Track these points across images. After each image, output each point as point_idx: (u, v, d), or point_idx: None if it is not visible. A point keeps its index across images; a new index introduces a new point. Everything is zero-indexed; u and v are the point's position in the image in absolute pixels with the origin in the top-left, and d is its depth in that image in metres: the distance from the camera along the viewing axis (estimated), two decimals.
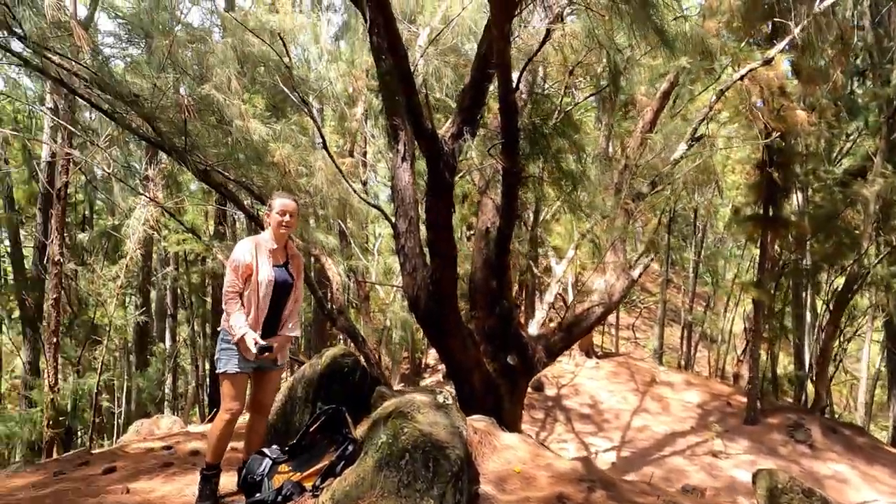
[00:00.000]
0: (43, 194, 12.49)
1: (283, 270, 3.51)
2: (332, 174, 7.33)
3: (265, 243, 3.48)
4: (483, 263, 6.66)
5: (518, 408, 6.45)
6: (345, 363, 4.02)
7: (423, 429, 3.24)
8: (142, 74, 6.28)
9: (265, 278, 3.39)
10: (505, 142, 5.09)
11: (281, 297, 3.49)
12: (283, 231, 3.48)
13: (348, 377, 3.99)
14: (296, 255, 3.65)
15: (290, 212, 3.48)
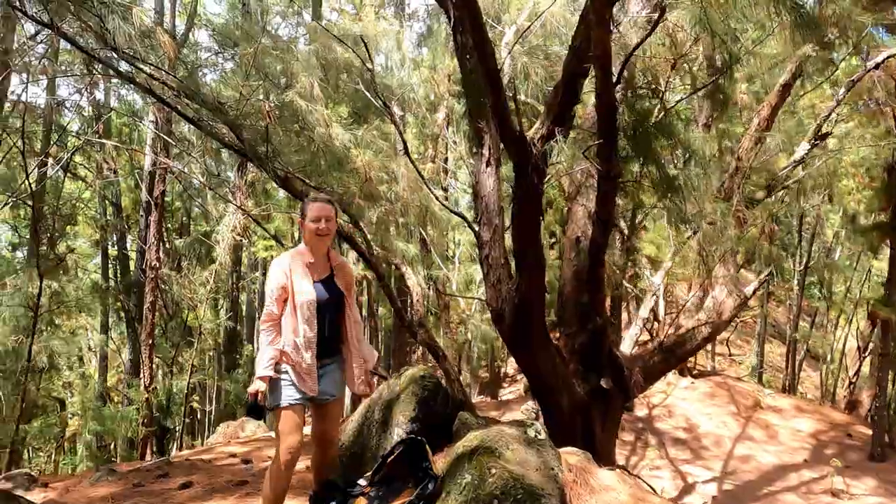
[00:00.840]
0: (145, 202, 13.20)
1: (328, 285, 2.97)
2: (413, 180, 7.09)
3: (301, 257, 2.95)
4: (573, 275, 6.16)
5: (612, 436, 5.89)
6: (426, 385, 3.69)
7: (513, 470, 2.83)
8: (229, 83, 6.34)
9: (305, 299, 2.86)
10: (602, 143, 4.60)
11: (331, 316, 2.98)
12: (320, 240, 2.94)
13: (429, 401, 3.66)
14: (342, 266, 3.08)
15: (325, 216, 2.92)
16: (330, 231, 2.96)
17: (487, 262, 5.97)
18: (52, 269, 8.59)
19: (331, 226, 2.96)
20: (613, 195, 4.92)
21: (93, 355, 19.11)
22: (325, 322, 2.94)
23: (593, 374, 5.83)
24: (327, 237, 2.96)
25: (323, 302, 2.92)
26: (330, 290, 2.97)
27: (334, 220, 2.99)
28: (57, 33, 4.70)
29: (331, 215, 2.96)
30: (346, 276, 3.08)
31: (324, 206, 2.97)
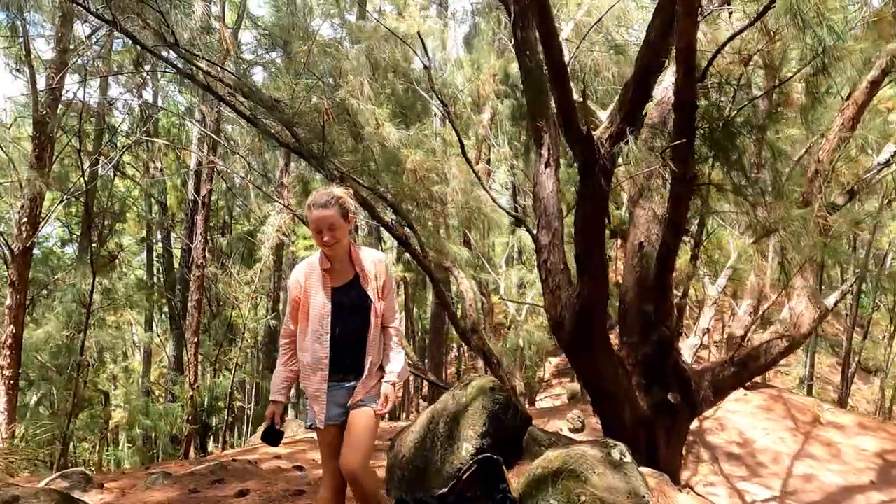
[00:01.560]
0: (191, 201, 13.36)
1: (348, 291, 2.53)
2: (464, 181, 6.90)
3: (318, 264, 2.55)
4: (636, 283, 5.86)
5: (677, 453, 5.58)
6: (496, 399, 3.48)
7: (603, 497, 2.60)
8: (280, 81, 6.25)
9: (316, 313, 2.49)
10: (678, 143, 4.31)
11: (352, 327, 2.52)
12: (327, 250, 2.48)
13: (500, 416, 3.44)
14: (370, 263, 2.58)
15: (325, 227, 2.41)
16: (336, 241, 2.42)
17: (546, 266, 5.73)
18: (105, 266, 8.69)
19: (336, 235, 2.41)
20: (688, 198, 4.63)
21: (136, 349, 19.52)
22: (343, 336, 2.52)
23: (657, 387, 5.53)
24: (335, 246, 2.44)
25: (340, 313, 2.51)
26: (351, 298, 2.53)
27: (338, 223, 2.42)
28: (118, 30, 4.66)
29: (334, 223, 2.40)
30: (377, 276, 2.57)
31: (322, 214, 2.40)
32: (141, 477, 5.41)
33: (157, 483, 4.21)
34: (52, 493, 3.40)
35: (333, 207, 2.42)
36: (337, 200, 2.44)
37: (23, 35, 8.86)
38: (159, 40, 5.12)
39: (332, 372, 2.53)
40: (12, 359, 8.02)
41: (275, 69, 6.12)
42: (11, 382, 8.02)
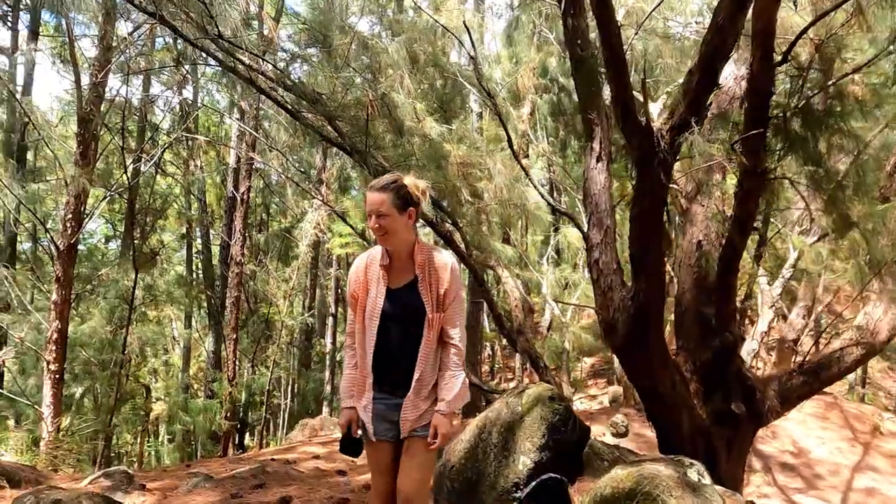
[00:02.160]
0: (229, 198, 13.44)
1: (404, 295, 2.25)
2: (508, 177, 6.66)
3: (376, 258, 2.31)
4: (693, 284, 5.52)
5: (740, 466, 5.23)
6: (556, 409, 3.25)
7: None
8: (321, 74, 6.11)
9: (368, 311, 2.27)
10: (750, 134, 3.99)
11: (403, 335, 2.24)
12: (378, 239, 2.24)
13: (560, 428, 3.21)
14: (431, 265, 2.25)
15: (374, 212, 2.16)
16: (384, 232, 2.17)
17: (597, 266, 5.43)
18: (147, 262, 8.75)
19: (384, 223, 2.15)
20: (759, 194, 4.30)
21: (176, 344, 19.87)
22: (392, 344, 2.25)
23: (718, 396, 5.19)
24: (385, 236, 2.19)
25: (391, 318, 2.24)
26: (405, 303, 2.24)
27: (390, 212, 2.15)
28: (162, 23, 4.58)
29: (384, 210, 2.14)
30: (437, 281, 2.24)
31: (373, 197, 2.16)
32: (182, 477, 5.35)
33: (199, 486, 4.11)
34: (93, 497, 3.31)
35: (388, 193, 2.15)
36: (394, 186, 2.17)
37: (67, 34, 8.97)
38: (201, 33, 5.03)
39: (380, 383, 2.27)
40: (58, 354, 8.12)
41: (316, 63, 5.97)
42: (57, 377, 8.12)
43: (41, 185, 10.42)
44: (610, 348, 5.85)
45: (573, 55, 5.68)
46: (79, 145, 8.36)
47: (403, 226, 2.20)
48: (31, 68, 11.93)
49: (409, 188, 2.20)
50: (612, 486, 2.68)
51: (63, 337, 8.25)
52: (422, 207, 2.29)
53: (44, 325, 8.76)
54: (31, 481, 4.87)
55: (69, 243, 8.31)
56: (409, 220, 2.21)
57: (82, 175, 7.42)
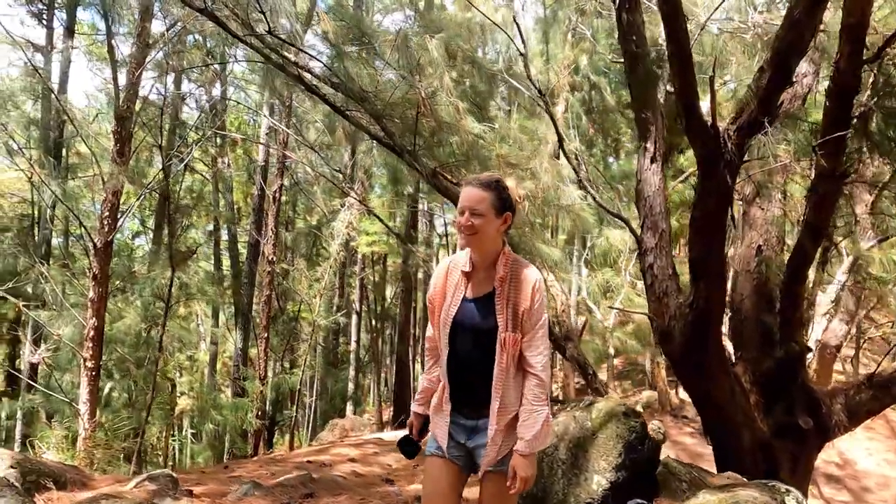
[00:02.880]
0: (258, 195, 13.41)
1: (480, 305, 2.04)
2: (555, 177, 6.47)
3: (458, 263, 2.13)
4: (753, 290, 5.31)
5: (804, 483, 5.01)
6: (632, 426, 3.07)
7: None
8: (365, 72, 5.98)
9: (442, 318, 2.09)
10: (830, 135, 3.77)
11: (474, 352, 2.03)
12: (464, 239, 2.03)
13: (636, 446, 3.03)
14: (513, 279, 2.03)
15: (468, 207, 1.97)
16: (474, 231, 1.96)
17: (651, 271, 5.25)
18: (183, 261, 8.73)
19: (478, 223, 1.95)
20: (835, 198, 4.07)
21: (203, 340, 20.00)
22: (464, 360, 2.05)
23: (780, 408, 4.97)
24: (473, 237, 1.98)
25: (463, 328, 2.04)
26: (479, 315, 2.02)
27: (487, 212, 1.96)
28: (210, 18, 4.48)
29: (481, 208, 1.95)
30: (517, 297, 1.99)
31: (473, 192, 1.97)
32: (224, 480, 5.26)
33: (249, 494, 4.02)
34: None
35: (489, 192, 1.96)
36: (497, 185, 2.00)
37: (106, 32, 8.97)
38: (247, 30, 4.93)
39: (458, 401, 2.08)
40: (95, 351, 8.12)
41: (359, 60, 5.84)
42: (93, 374, 8.13)
43: (76, 182, 10.47)
44: (665, 356, 5.64)
45: (627, 52, 5.48)
46: (116, 143, 8.35)
47: (495, 230, 2.00)
48: (66, 66, 12.02)
49: (511, 191, 2.04)
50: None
51: (100, 334, 8.26)
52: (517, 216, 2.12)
53: (78, 321, 8.79)
54: (76, 482, 4.81)
55: (106, 241, 8.31)
56: (503, 224, 2.02)
57: (121, 172, 7.39)
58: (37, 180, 9.75)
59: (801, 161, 4.67)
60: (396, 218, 17.20)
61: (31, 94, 12.11)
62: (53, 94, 9.17)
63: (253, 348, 13.57)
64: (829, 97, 3.74)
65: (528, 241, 6.10)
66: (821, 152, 3.83)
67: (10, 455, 4.54)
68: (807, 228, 4.24)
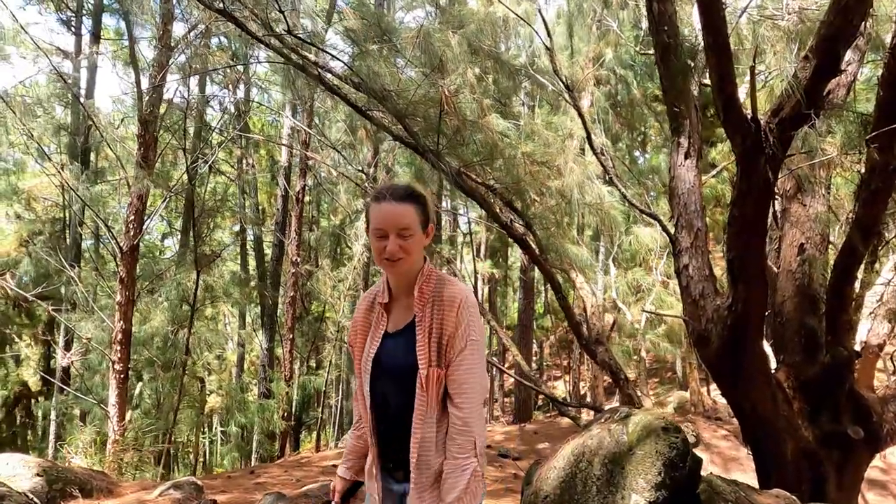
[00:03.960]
0: (282, 196, 13.44)
1: (401, 339, 1.67)
2: (581, 175, 6.27)
3: (377, 294, 1.77)
4: (796, 291, 5.04)
5: (853, 496, 4.74)
6: (672, 443, 2.88)
7: None
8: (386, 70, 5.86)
9: (363, 362, 1.73)
10: (883, 127, 3.51)
11: (395, 397, 1.67)
12: (390, 268, 1.63)
13: (678, 464, 2.85)
14: (438, 302, 1.64)
15: (394, 228, 1.57)
16: (405, 256, 1.57)
17: (686, 272, 5.03)
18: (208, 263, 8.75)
19: (407, 246, 1.57)
20: (888, 194, 3.81)
21: (230, 339, 20.23)
22: (390, 406, 1.68)
23: (825, 416, 4.71)
24: (401, 262, 1.58)
25: (384, 370, 1.68)
26: (401, 350, 1.66)
27: (415, 229, 1.58)
28: (229, 19, 4.40)
29: (409, 226, 1.57)
30: (440, 322, 1.61)
31: (394, 209, 1.56)
32: (249, 488, 5.22)
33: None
34: None
35: (413, 204, 1.58)
36: (417, 195, 1.62)
37: (128, 36, 9.02)
38: (266, 30, 4.85)
39: (384, 458, 1.72)
40: (123, 353, 8.19)
41: (379, 58, 5.73)
42: (122, 376, 8.20)
43: (103, 185, 10.59)
44: (701, 360, 5.41)
45: (659, 42, 5.25)
46: (140, 147, 8.40)
47: (421, 248, 1.64)
48: (93, 72, 12.17)
49: (430, 200, 1.69)
50: None
51: (127, 336, 8.33)
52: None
53: (106, 322, 8.88)
54: (103, 490, 4.81)
55: (132, 244, 8.37)
56: (427, 239, 1.66)
57: (146, 177, 7.41)
58: (66, 184, 9.89)
59: (849, 155, 4.40)
60: None
61: (60, 99, 12.31)
62: (79, 99, 9.26)
63: (278, 348, 13.63)
64: (883, 86, 3.49)
65: (556, 242, 5.93)
66: (873, 145, 3.58)
67: (37, 463, 4.54)
68: (856, 226, 3.99)
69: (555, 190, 5.98)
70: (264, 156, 16.53)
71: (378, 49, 6.00)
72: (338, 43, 17.44)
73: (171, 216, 17.05)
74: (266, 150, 17.27)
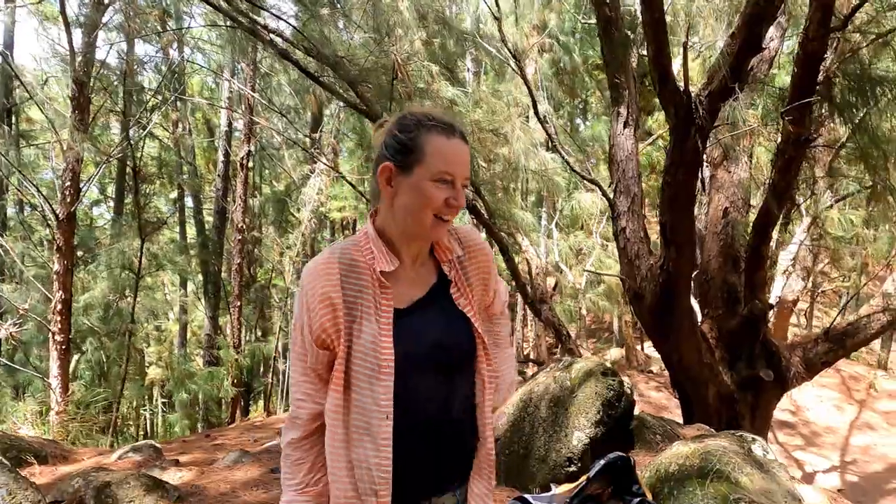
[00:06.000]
0: (223, 162, 13.08)
1: (430, 312, 1.23)
2: (526, 142, 6.52)
3: (369, 260, 1.20)
4: (719, 252, 5.52)
5: (764, 430, 5.33)
6: (610, 385, 3.22)
7: (761, 503, 2.33)
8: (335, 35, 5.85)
9: (372, 365, 1.15)
10: (797, 101, 3.90)
11: (451, 394, 1.22)
12: (437, 226, 1.19)
13: (614, 403, 3.19)
14: (472, 252, 1.30)
15: (457, 175, 1.17)
16: (458, 205, 1.19)
17: (624, 234, 5.41)
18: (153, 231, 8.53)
19: (460, 198, 1.19)
20: (799, 162, 4.23)
21: (170, 309, 19.72)
22: (426, 419, 1.20)
23: (742, 363, 5.25)
24: (449, 222, 1.21)
25: (419, 364, 1.18)
26: (437, 327, 1.22)
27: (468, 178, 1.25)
28: None
29: (467, 172, 1.21)
30: (483, 275, 1.31)
31: (465, 150, 1.19)
32: (208, 449, 5.33)
33: (237, 463, 4.08)
34: (141, 478, 3.26)
35: (468, 146, 1.23)
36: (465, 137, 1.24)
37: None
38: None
39: (404, 495, 1.19)
40: (63, 324, 7.97)
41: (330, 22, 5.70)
42: (63, 347, 7.99)
43: (31, 149, 10.03)
44: (636, 316, 5.85)
45: (601, 16, 5.50)
46: (74, 109, 8.01)
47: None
48: (11, 27, 11.34)
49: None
50: (677, 463, 2.68)
51: (67, 307, 8.09)
52: None
53: (42, 293, 8.57)
54: (57, 456, 4.81)
55: (68, 211, 8.06)
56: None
57: (84, 140, 7.11)
58: None
59: (768, 126, 4.81)
60: (366, 183, 17.00)
61: None
62: (7, 57, 8.67)
63: (223, 317, 13.48)
64: (797, 64, 3.85)
65: (503, 207, 6.18)
66: (787, 118, 3.96)
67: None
68: (772, 191, 4.41)
69: (502, 157, 6.20)
70: (200, 119, 15.94)
71: (329, 14, 5.97)
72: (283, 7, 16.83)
73: (104, 182, 16.27)
74: (202, 114, 16.65)
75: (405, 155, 1.16)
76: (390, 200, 1.19)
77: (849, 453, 9.08)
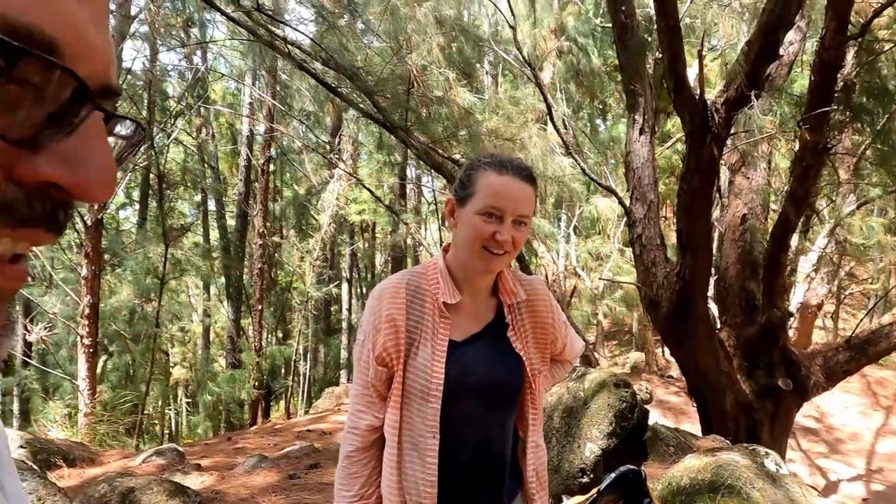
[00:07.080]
0: (244, 166, 13.30)
1: (483, 347, 1.29)
2: (543, 149, 6.53)
3: (432, 291, 1.29)
4: (738, 258, 5.48)
5: (782, 442, 5.27)
6: (623, 396, 3.24)
7: None
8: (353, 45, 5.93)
9: (422, 386, 1.24)
10: (814, 110, 3.86)
11: (492, 429, 1.29)
12: (492, 261, 1.22)
13: (626, 415, 3.20)
14: (527, 292, 1.33)
15: (516, 211, 1.20)
16: (515, 247, 1.22)
17: (640, 241, 5.40)
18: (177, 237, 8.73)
19: (520, 239, 1.22)
20: (818, 170, 4.19)
21: (193, 311, 20.08)
22: (470, 450, 1.27)
23: (762, 372, 5.20)
24: (502, 258, 1.22)
25: (461, 393, 1.25)
26: (483, 361, 1.28)
27: (529, 224, 1.27)
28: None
29: (527, 211, 1.22)
30: (539, 322, 1.33)
31: (519, 186, 1.20)
32: (229, 453, 5.44)
33: (256, 467, 4.18)
34: (164, 483, 3.36)
35: (533, 189, 1.24)
36: (535, 181, 1.28)
37: None
38: (235, 5, 4.87)
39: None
40: (91, 328, 8.19)
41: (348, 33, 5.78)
42: (91, 350, 8.22)
43: None
44: (652, 323, 5.82)
45: (616, 21, 5.50)
46: None
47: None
48: None
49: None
50: (689, 477, 2.68)
51: (95, 311, 8.31)
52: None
53: (70, 297, 8.82)
54: (85, 459, 4.96)
55: (96, 218, 8.29)
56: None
57: None
58: None
59: (786, 133, 4.77)
60: (384, 186, 17.16)
61: None
62: None
63: (244, 320, 13.69)
64: (814, 72, 3.82)
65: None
66: (805, 126, 3.93)
67: (20, 436, 4.66)
68: (790, 198, 4.37)
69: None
70: (223, 124, 16.22)
71: (348, 24, 6.06)
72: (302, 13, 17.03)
73: (129, 187, 16.65)
74: (225, 119, 16.93)
75: (463, 190, 1.25)
76: (454, 234, 1.28)
77: (874, 461, 8.89)
